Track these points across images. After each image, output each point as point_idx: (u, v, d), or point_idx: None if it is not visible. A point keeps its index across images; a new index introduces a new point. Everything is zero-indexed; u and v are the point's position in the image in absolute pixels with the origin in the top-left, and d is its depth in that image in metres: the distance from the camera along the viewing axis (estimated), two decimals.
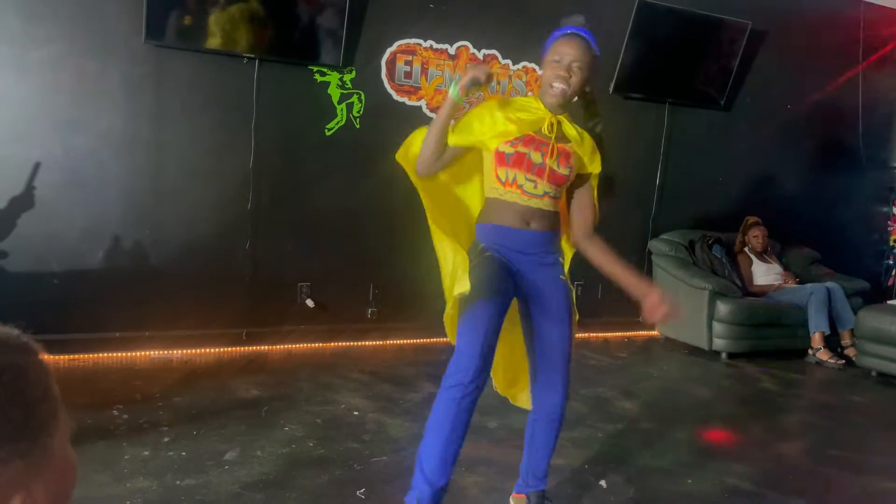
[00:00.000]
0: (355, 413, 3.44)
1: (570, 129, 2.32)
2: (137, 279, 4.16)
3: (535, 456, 2.46)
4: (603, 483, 2.87)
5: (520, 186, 2.24)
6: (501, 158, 2.24)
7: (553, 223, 2.34)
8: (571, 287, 2.38)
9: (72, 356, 3.99)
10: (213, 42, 4.07)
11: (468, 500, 2.70)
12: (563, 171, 2.27)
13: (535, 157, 2.24)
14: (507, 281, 2.24)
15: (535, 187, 2.25)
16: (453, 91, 2.17)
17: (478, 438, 3.20)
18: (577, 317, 2.40)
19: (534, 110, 2.29)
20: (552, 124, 2.27)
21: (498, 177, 2.27)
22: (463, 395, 2.12)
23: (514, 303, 2.35)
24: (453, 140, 2.27)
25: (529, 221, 2.27)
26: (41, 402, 0.65)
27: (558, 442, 3.25)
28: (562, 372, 2.32)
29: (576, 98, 2.33)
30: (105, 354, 4.07)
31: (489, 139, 2.25)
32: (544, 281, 2.31)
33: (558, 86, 2.24)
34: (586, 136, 2.35)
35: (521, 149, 2.23)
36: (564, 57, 2.23)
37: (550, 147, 2.24)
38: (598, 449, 3.22)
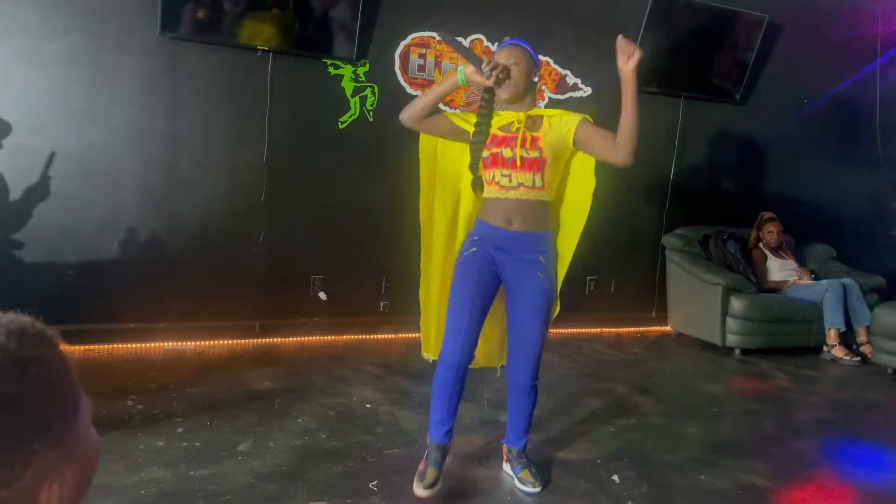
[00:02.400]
0: (368, 405, 3.45)
1: (543, 116, 2.56)
2: (152, 271, 4.18)
3: (512, 419, 2.76)
4: (615, 478, 2.86)
5: (497, 182, 2.52)
6: (484, 163, 2.56)
7: (535, 221, 2.54)
8: (552, 283, 2.60)
9: (87, 347, 4.02)
10: (228, 35, 4.08)
11: (480, 492, 2.70)
12: (532, 153, 2.49)
13: (507, 152, 2.50)
14: (487, 275, 2.55)
15: (510, 181, 2.50)
16: (461, 78, 2.52)
17: (490, 432, 3.20)
18: (557, 311, 2.67)
19: (503, 117, 2.57)
20: (521, 121, 2.52)
21: (484, 178, 2.58)
22: (455, 372, 2.52)
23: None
24: (455, 119, 2.65)
25: (511, 220, 2.52)
26: (66, 389, 0.66)
27: (571, 437, 3.25)
28: (526, 360, 2.60)
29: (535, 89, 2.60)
30: (120, 345, 4.10)
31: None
32: (518, 277, 2.55)
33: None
34: (559, 113, 2.59)
35: (494, 149, 2.52)
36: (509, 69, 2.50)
37: (519, 137, 2.49)
38: (610, 444, 3.21)
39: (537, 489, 2.68)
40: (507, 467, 2.82)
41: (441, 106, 4.69)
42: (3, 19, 3.75)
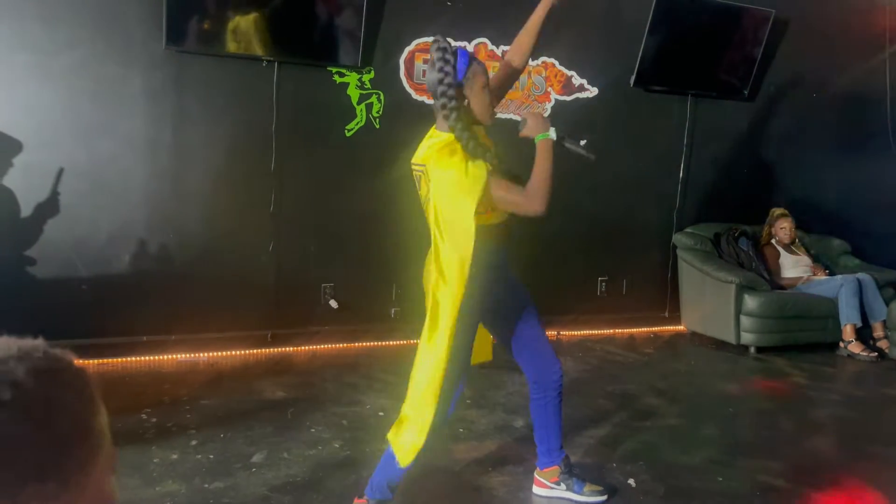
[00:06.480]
0: (381, 413, 3.44)
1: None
2: (163, 283, 4.19)
3: (552, 431, 2.65)
4: (632, 482, 2.84)
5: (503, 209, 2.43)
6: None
7: None
8: None
9: (100, 360, 4.03)
10: (232, 46, 4.09)
11: (496, 500, 2.68)
12: None
13: None
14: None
15: None
16: (553, 134, 2.34)
17: (504, 437, 3.19)
18: None
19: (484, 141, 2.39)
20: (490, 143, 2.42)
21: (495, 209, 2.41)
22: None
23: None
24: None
25: (511, 236, 2.49)
26: (79, 439, 0.60)
27: (586, 440, 3.23)
28: (549, 344, 2.62)
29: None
30: (133, 358, 4.11)
31: None
32: (518, 281, 2.61)
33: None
34: None
35: None
36: (488, 83, 2.34)
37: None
38: (626, 446, 3.19)
39: (606, 495, 2.68)
40: (558, 490, 2.68)
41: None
42: (8, 35, 3.77)
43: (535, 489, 2.72)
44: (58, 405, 0.59)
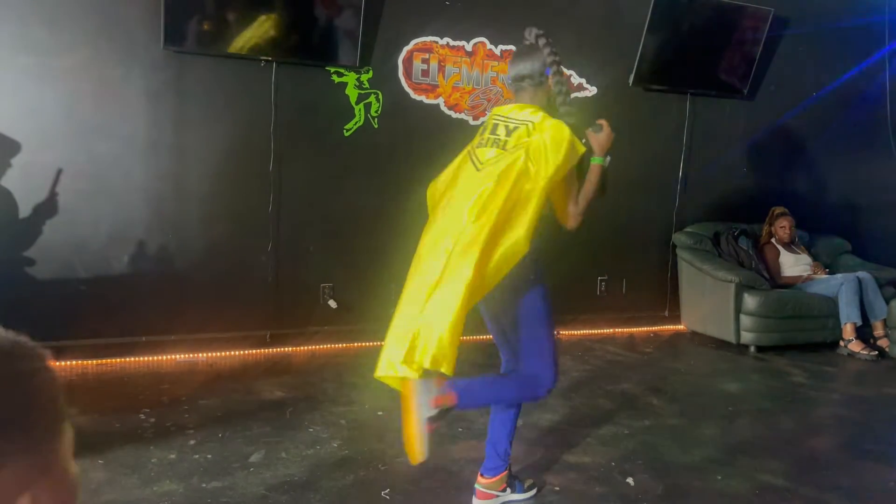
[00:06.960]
0: (379, 413, 3.44)
1: None
2: (162, 284, 4.19)
3: (509, 427, 2.60)
4: (630, 481, 2.83)
5: None
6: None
7: None
8: None
9: (99, 361, 4.03)
10: (231, 46, 4.09)
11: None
12: None
13: None
14: None
15: None
16: (608, 162, 2.49)
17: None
18: None
19: None
20: None
21: None
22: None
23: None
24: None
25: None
26: (48, 408, 0.64)
27: (584, 440, 3.22)
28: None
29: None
30: (132, 358, 4.11)
31: None
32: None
33: None
34: None
35: None
36: None
37: None
38: (624, 446, 3.18)
39: (536, 488, 2.71)
40: (502, 497, 2.58)
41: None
42: (10, 37, 3.77)
43: (477, 502, 2.56)
44: (27, 378, 0.62)
